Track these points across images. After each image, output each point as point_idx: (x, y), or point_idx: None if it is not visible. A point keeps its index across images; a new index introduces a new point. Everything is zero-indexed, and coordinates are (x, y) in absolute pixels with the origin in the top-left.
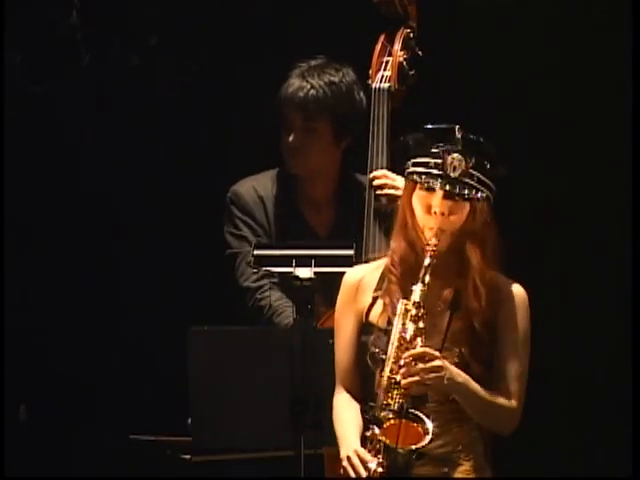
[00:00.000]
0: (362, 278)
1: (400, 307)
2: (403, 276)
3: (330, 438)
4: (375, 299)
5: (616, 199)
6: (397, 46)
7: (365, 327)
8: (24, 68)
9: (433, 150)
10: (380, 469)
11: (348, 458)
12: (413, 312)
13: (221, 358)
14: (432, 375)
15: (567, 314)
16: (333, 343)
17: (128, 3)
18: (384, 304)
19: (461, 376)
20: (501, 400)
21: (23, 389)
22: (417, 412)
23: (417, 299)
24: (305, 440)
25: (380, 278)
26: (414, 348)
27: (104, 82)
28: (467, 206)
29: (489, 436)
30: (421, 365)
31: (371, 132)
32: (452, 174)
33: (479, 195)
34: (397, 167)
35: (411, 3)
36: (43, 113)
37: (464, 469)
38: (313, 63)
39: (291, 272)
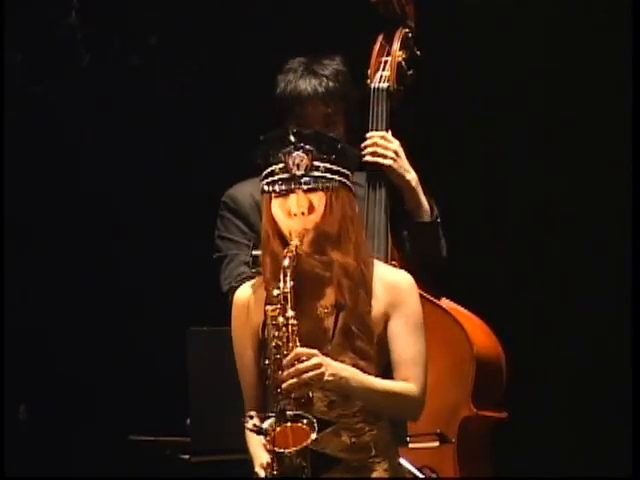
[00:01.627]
0: (250, 295)
1: (266, 315)
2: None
3: None
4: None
5: (616, 199)
6: (395, 46)
7: (262, 344)
8: (24, 68)
9: (274, 156)
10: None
11: (256, 474)
12: (281, 319)
13: (220, 358)
14: (311, 374)
15: (567, 314)
16: None
17: (128, 3)
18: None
19: (346, 370)
20: (398, 386)
21: (22, 389)
22: (298, 412)
23: (279, 304)
24: None
25: (267, 293)
26: (289, 352)
27: (104, 82)
28: (323, 199)
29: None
30: (298, 365)
31: (370, 132)
32: (297, 172)
33: (332, 183)
34: None
35: (409, 3)
36: (43, 113)
37: (378, 474)
38: (305, 59)
39: None
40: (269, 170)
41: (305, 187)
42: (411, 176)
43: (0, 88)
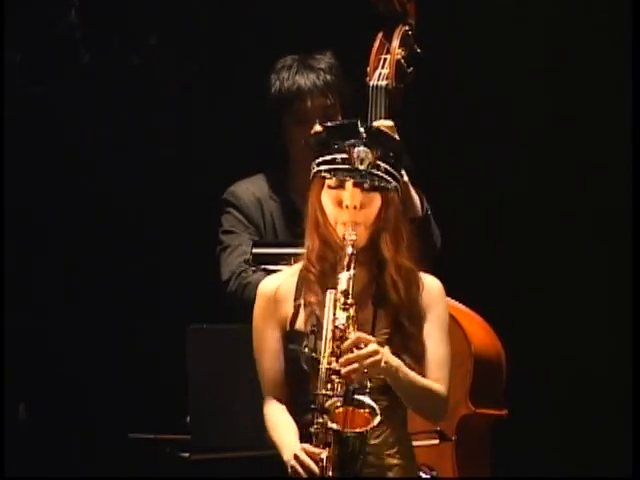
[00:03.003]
0: (278, 287)
1: (329, 297)
2: (322, 274)
3: None
4: (298, 307)
5: (616, 199)
6: (395, 44)
7: (291, 336)
8: (24, 68)
9: (338, 146)
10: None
11: (296, 457)
12: (342, 300)
13: (220, 356)
14: (370, 360)
15: (568, 312)
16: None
17: (128, 2)
18: (309, 303)
19: (395, 360)
20: (434, 386)
21: (22, 388)
22: (362, 397)
23: (344, 287)
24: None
25: (297, 285)
26: (347, 336)
27: (104, 81)
28: (378, 198)
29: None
30: (358, 352)
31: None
32: (360, 167)
33: (390, 186)
34: None
35: (409, 1)
36: (43, 113)
37: (396, 463)
38: (297, 56)
39: None
40: (331, 157)
41: (366, 184)
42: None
43: (0, 88)
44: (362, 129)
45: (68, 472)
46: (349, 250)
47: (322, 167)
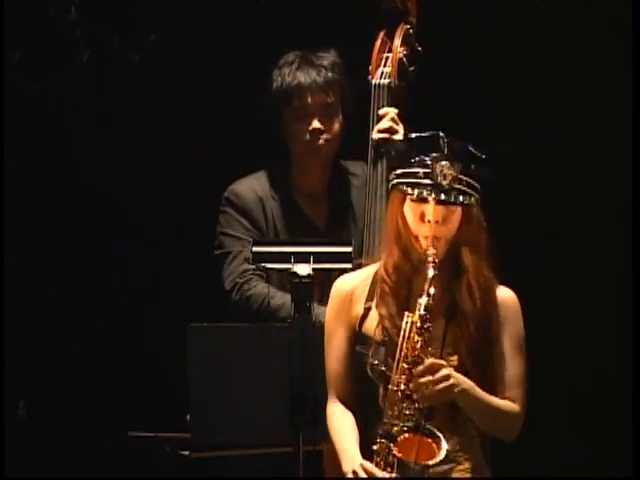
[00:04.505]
0: (354, 288)
1: (406, 320)
2: (397, 285)
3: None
4: (367, 310)
5: (616, 199)
6: (397, 42)
7: (358, 337)
8: (23, 65)
9: (420, 159)
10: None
11: (354, 473)
12: (419, 324)
13: (220, 354)
14: (442, 385)
15: (567, 314)
16: None
17: (127, 0)
18: (380, 315)
19: (466, 383)
20: (505, 405)
21: (22, 386)
22: (432, 428)
23: (423, 312)
24: (304, 436)
25: (370, 288)
26: (420, 360)
27: (103, 79)
28: (459, 212)
29: (488, 440)
30: (430, 377)
31: (371, 128)
32: (443, 182)
33: (471, 200)
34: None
35: None
36: (42, 110)
37: (463, 468)
38: (300, 52)
39: (289, 269)
40: (412, 171)
41: (450, 199)
42: None
43: None
44: (444, 142)
45: (68, 471)
46: (430, 273)
47: (403, 180)
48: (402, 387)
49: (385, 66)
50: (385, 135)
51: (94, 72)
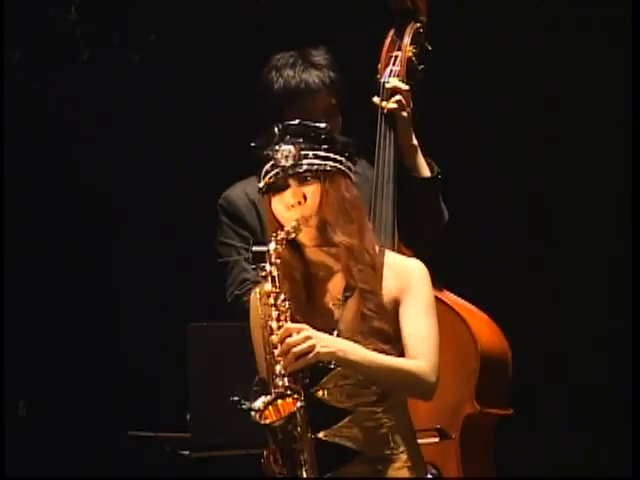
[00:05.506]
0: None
1: (254, 295)
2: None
3: None
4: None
5: (616, 199)
6: (406, 41)
7: None
8: (23, 65)
9: (266, 157)
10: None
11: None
12: (270, 300)
13: (220, 354)
14: (302, 346)
15: (567, 314)
16: None
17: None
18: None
19: (344, 344)
20: (407, 363)
21: (22, 386)
22: (280, 390)
23: (269, 287)
24: None
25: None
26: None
27: (103, 79)
28: (318, 187)
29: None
30: (288, 340)
31: (379, 126)
32: (286, 163)
33: (320, 168)
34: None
35: None
36: (42, 110)
37: (398, 465)
38: (294, 53)
39: None
40: (263, 170)
41: (293, 174)
42: (413, 134)
43: None
44: (277, 130)
45: (68, 471)
46: (271, 246)
47: (260, 184)
48: (270, 357)
49: (394, 65)
50: (395, 105)
51: (94, 72)
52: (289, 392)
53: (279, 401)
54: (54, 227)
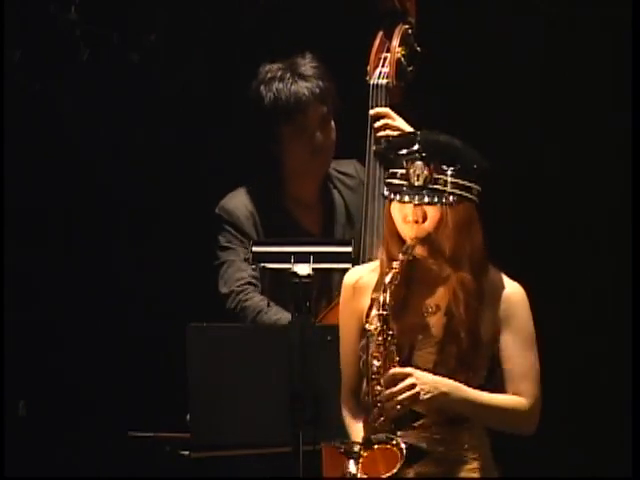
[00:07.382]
0: (359, 279)
1: (366, 332)
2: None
3: (328, 434)
4: (372, 302)
5: (616, 198)
6: (395, 42)
7: (362, 331)
8: (23, 65)
9: (399, 160)
10: None
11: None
12: (380, 338)
13: (220, 354)
14: (405, 395)
15: (567, 314)
16: (331, 340)
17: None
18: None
19: (446, 385)
20: (508, 400)
21: (22, 385)
22: (383, 436)
23: (378, 324)
24: (303, 436)
25: (378, 279)
26: (386, 370)
27: (103, 79)
28: (439, 211)
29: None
30: (392, 389)
31: (369, 128)
32: (416, 183)
33: (451, 199)
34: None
35: None
36: (42, 110)
37: (471, 467)
38: (281, 64)
39: (289, 269)
40: (391, 172)
41: (424, 200)
42: None
43: None
44: (419, 142)
45: (68, 471)
46: (387, 279)
47: (387, 180)
48: (371, 398)
49: (383, 66)
50: (385, 133)
51: (94, 72)
52: (394, 442)
53: (375, 447)
54: (54, 227)
